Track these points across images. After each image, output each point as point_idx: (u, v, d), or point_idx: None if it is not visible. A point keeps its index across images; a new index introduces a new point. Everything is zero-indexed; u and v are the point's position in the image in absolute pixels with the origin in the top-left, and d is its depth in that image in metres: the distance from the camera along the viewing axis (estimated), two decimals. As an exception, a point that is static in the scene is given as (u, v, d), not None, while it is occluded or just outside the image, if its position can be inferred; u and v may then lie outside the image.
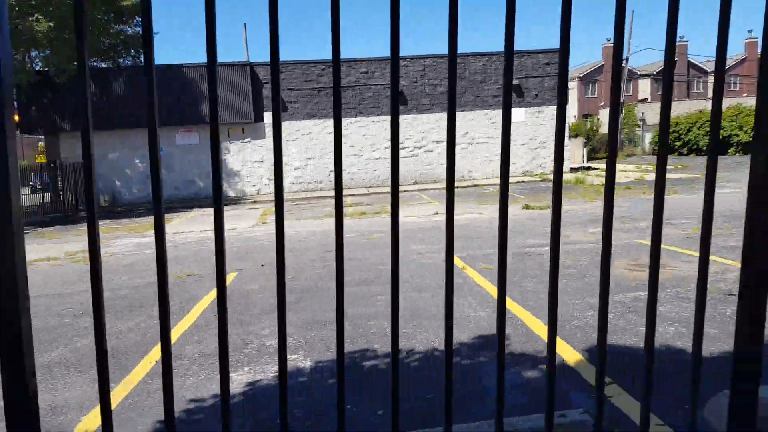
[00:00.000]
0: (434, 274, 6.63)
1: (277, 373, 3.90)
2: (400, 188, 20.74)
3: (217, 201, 1.56)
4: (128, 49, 24.35)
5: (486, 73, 21.99)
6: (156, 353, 4.44)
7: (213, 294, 6.26)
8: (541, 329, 4.40)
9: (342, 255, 1.71)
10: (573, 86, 49.76)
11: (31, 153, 39.26)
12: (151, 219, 15.90)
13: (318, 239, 10.10)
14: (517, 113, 22.38)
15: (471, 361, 3.85)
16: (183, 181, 21.50)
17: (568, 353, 3.88)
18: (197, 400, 3.54)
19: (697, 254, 6.76)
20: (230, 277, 7.13)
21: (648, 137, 39.52)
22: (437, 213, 13.63)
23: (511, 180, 21.12)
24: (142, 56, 24.80)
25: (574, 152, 33.63)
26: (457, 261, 7.28)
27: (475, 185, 20.64)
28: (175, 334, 4.88)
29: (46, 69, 19.38)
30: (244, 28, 31.15)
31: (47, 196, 19.09)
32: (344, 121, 21.77)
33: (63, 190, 19.32)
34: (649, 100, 47.87)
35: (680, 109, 40.66)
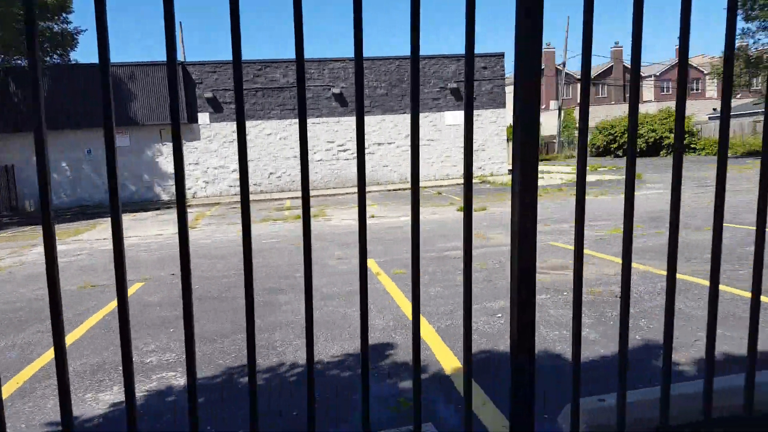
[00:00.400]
0: (348, 280, 6.52)
1: (149, 393, 3.68)
2: (341, 191, 20.65)
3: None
4: (55, 47, 23.20)
5: (425, 76, 22.13)
6: (27, 372, 4.12)
7: (109, 307, 5.93)
8: (432, 337, 4.35)
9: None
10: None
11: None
12: (76, 225, 15.11)
13: (239, 246, 9.81)
14: (457, 116, 22.64)
15: (351, 373, 3.74)
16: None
17: (449, 361, 3.84)
18: (52, 424, 3.29)
19: (606, 256, 6.95)
20: (135, 288, 6.80)
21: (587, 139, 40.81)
22: (373, 216, 13.55)
23: (450, 182, 21.39)
24: (70, 54, 23.68)
25: (509, 154, 34.35)
26: (373, 266, 7.20)
27: (430, 186, 20.72)
28: (51, 352, 4.56)
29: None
30: (179, 26, 30.23)
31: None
32: (283, 123, 21.44)
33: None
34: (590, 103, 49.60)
35: (617, 111, 42.31)
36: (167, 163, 20.84)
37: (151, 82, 20.17)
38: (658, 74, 52.13)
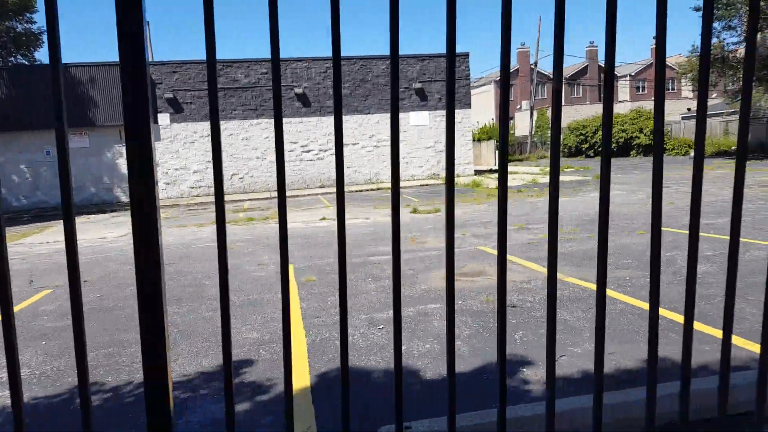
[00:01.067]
0: (257, 288, 6.27)
1: (-27, 418, 3.40)
2: (303, 192, 20.38)
3: None
4: (18, 47, 22.66)
5: (389, 75, 21.85)
6: None
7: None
8: (301, 351, 4.12)
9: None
10: (489, 89, 50.96)
11: None
12: (26, 228, 14.67)
13: (179, 251, 9.52)
14: (422, 116, 22.46)
15: (192, 394, 3.50)
16: (75, 186, 20.10)
17: (302, 379, 3.61)
18: None
19: (525, 262, 6.78)
20: (41, 295, 6.49)
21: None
22: (324, 218, 13.31)
23: (416, 183, 21.22)
24: (33, 54, 23.15)
25: (485, 155, 34.34)
26: (291, 271, 6.95)
27: (379, 188, 20.51)
28: None
29: None
30: (147, 27, 29.71)
31: None
32: (245, 123, 21.10)
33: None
34: (563, 103, 49.71)
35: (591, 111, 42.44)
36: (124, 165, 20.39)
37: (111, 83, 19.72)
38: (633, 74, 52.43)
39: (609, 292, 5.11)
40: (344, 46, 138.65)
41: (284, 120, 21.13)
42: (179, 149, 20.73)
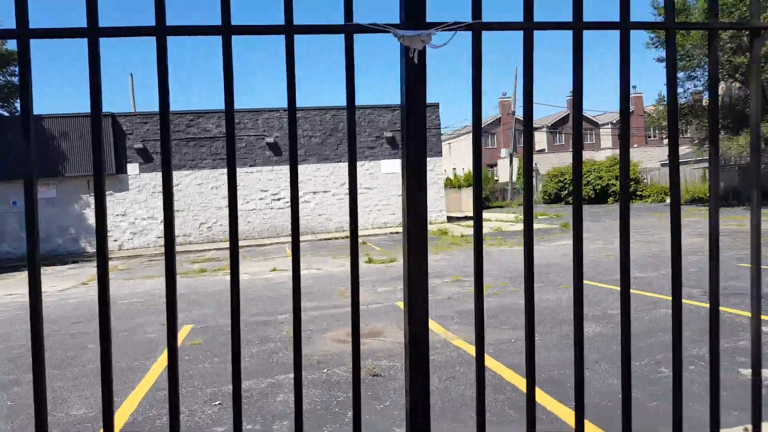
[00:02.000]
0: (139, 353, 5.88)
1: None
2: (272, 240, 20.09)
3: None
4: (4, 98, 22.93)
5: (360, 125, 22.02)
6: None
7: None
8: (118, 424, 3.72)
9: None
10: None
11: None
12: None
13: (92, 309, 9.11)
14: (393, 164, 22.44)
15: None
16: (43, 236, 19.82)
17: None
18: None
19: (432, 322, 6.40)
20: None
21: (541, 187, 41.03)
22: (275, 269, 12.96)
23: (387, 231, 20.97)
24: (14, 105, 23.34)
25: (466, 201, 34.28)
26: (182, 333, 6.57)
27: (346, 236, 20.22)
28: None
29: None
30: (130, 78, 30.24)
31: None
32: (215, 173, 21.03)
33: None
34: (546, 150, 50.16)
35: (569, 159, 42.63)
36: (93, 216, 20.19)
37: (79, 134, 19.76)
38: (614, 122, 53.17)
39: (489, 361, 4.73)
40: (317, 96, 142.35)
41: (255, 168, 21.12)
42: (147, 198, 20.56)
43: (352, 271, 1.68)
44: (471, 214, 29.53)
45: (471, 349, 5.06)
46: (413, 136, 1.68)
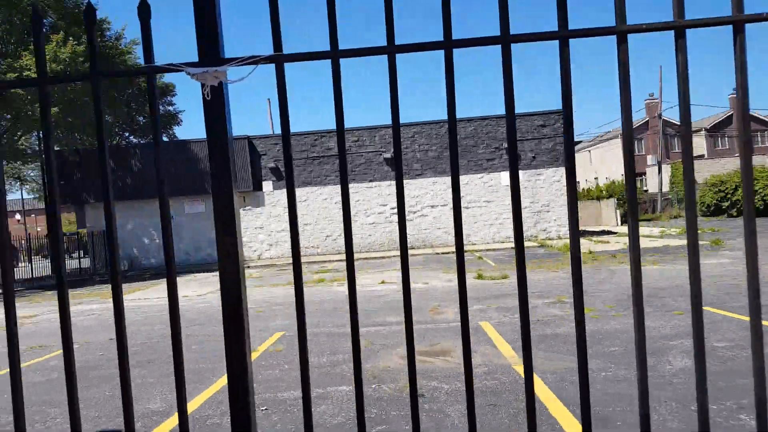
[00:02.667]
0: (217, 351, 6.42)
1: None
2: (390, 254, 20.54)
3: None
4: (164, 126, 26.55)
5: (477, 137, 21.70)
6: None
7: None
8: None
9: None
10: (617, 143, 47.60)
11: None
12: (147, 284, 16.69)
13: (206, 312, 10.13)
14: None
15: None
16: (192, 247, 22.56)
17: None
18: None
19: (503, 345, 6.05)
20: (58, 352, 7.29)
21: (698, 197, 36.67)
22: (383, 282, 13.28)
23: (508, 246, 20.29)
24: (172, 132, 26.93)
25: (606, 214, 31.83)
26: (274, 338, 7.01)
27: (465, 250, 19.95)
28: None
29: (60, 149, 21.41)
30: (268, 103, 33.11)
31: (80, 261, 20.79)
32: (338, 188, 22.15)
33: (88, 255, 20.96)
34: (705, 156, 44.66)
35: (736, 164, 37.54)
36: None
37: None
38: (792, 120, 45.73)
39: (541, 390, 4.37)
40: (431, 109, 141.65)
41: (374, 183, 21.85)
42: (281, 213, 22.31)
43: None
44: (609, 228, 27.32)
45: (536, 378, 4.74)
46: (217, 173, 1.64)
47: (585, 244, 18.78)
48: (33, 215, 53.92)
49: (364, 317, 8.22)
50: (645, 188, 43.46)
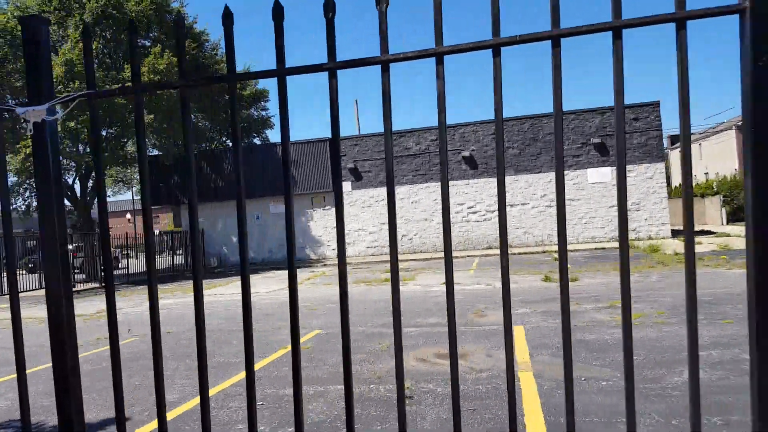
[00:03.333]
0: (234, 352, 6.76)
1: None
2: (465, 254, 20.21)
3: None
4: (256, 130, 28.19)
5: (564, 131, 20.71)
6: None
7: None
8: None
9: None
10: (730, 135, 43.11)
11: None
12: (226, 280, 17.90)
13: (275, 307, 10.64)
14: (602, 173, 20.49)
15: None
16: (276, 245, 23.76)
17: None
18: None
19: (521, 348, 5.73)
20: (129, 340, 8.07)
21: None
22: (442, 283, 13.19)
23: (593, 246, 19.20)
24: (265, 135, 28.47)
25: (710, 213, 29.05)
26: (312, 335, 7.25)
27: (544, 251, 19.18)
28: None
29: (158, 154, 23.37)
30: (355, 104, 33.89)
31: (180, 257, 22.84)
32: (414, 187, 22.21)
33: (185, 253, 22.88)
34: None
35: None
36: (315, 227, 23.30)
37: (303, 157, 23.07)
38: None
39: (529, 397, 4.15)
40: (512, 105, 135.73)
41: (451, 182, 21.67)
42: (358, 213, 22.83)
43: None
44: (711, 228, 24.87)
45: (527, 384, 4.51)
46: (41, 199, 1.70)
47: (673, 245, 17.27)
48: (140, 215, 59.60)
49: (407, 318, 8.24)
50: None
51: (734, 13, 1.36)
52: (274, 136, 33.27)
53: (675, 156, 62.52)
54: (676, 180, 59.12)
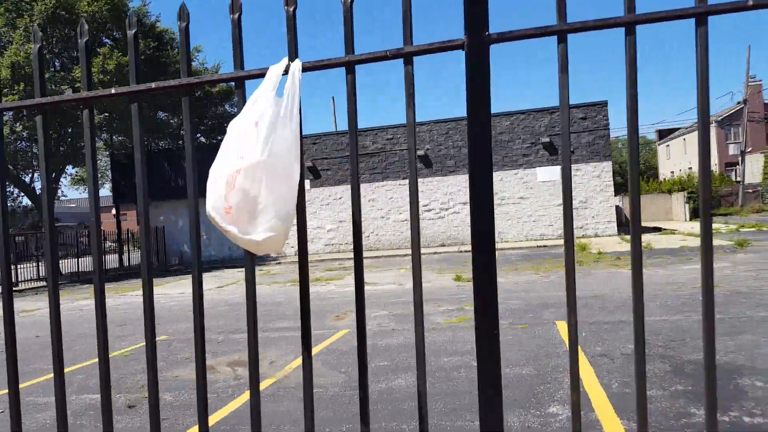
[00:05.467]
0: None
1: None
2: (422, 251, 21.21)
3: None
4: (222, 130, 28.94)
5: (513, 132, 21.81)
6: None
7: None
8: None
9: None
10: (713, 130, 44.43)
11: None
12: (172, 280, 18.85)
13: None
14: (551, 172, 21.62)
15: None
16: (234, 244, 24.71)
17: None
18: None
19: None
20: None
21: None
22: (375, 283, 14.20)
23: (540, 243, 20.33)
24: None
25: (676, 209, 30.32)
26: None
27: (500, 249, 20.26)
28: None
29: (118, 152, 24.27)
30: (332, 101, 34.83)
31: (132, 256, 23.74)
32: (372, 186, 23.25)
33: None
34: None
35: None
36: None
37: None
38: None
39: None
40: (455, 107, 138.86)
41: (406, 181, 22.69)
42: (316, 211, 23.84)
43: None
44: (674, 224, 26.10)
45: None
46: None
47: (609, 244, 18.37)
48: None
49: (265, 322, 9.24)
50: (738, 179, 40.32)
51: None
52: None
53: (662, 150, 63.98)
54: (663, 171, 60.57)
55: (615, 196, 22.27)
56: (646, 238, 19.15)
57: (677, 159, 56.23)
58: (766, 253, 13.38)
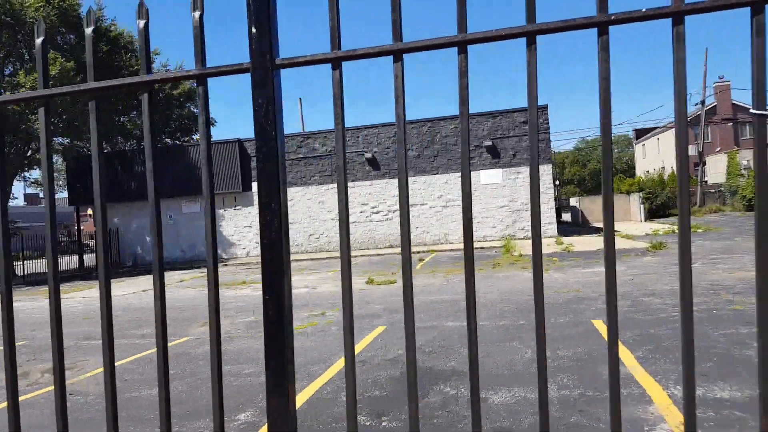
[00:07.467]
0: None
1: None
2: (369, 252, 22.19)
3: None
4: (183, 132, 29.89)
5: (457, 134, 23.01)
6: None
7: None
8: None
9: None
10: (671, 133, 45.98)
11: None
12: (125, 281, 19.84)
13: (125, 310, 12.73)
14: (494, 174, 22.86)
15: None
16: (188, 244, 25.77)
17: None
18: None
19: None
20: None
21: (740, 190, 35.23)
22: (306, 286, 15.31)
23: (485, 245, 21.54)
24: (193, 136, 30.21)
25: (634, 209, 31.71)
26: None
27: (441, 250, 21.51)
28: None
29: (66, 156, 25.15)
30: (299, 103, 35.96)
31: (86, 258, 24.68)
32: (322, 188, 24.38)
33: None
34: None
35: None
36: (227, 227, 25.37)
37: (214, 158, 25.03)
38: None
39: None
40: (414, 109, 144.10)
41: (357, 183, 23.88)
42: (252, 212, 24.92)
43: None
44: (627, 225, 27.45)
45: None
46: None
47: (524, 246, 19.61)
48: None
49: (127, 328, 10.38)
50: (705, 179, 41.87)
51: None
52: (216, 133, 34.88)
53: (639, 150, 65.68)
54: (639, 170, 62.24)
55: (572, 198, 23.48)
56: (571, 239, 20.47)
57: (652, 158, 57.87)
58: (673, 257, 14.59)
